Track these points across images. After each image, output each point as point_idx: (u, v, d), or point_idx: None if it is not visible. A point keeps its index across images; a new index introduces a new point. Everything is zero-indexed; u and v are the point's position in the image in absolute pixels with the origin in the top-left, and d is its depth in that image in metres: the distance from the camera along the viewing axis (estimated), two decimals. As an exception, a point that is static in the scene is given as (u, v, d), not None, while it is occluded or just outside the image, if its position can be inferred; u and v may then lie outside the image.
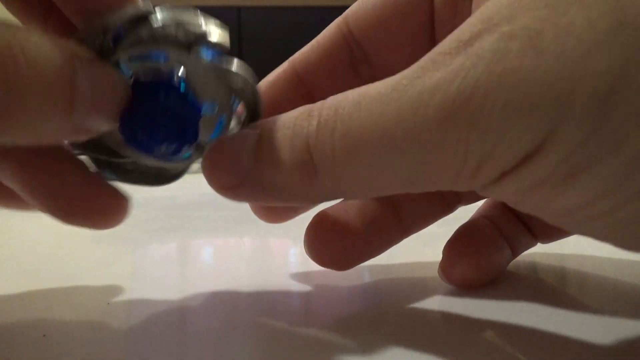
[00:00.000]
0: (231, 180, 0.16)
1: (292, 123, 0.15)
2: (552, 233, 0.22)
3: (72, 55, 0.14)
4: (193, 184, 0.21)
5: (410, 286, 0.21)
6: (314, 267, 0.20)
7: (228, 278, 0.22)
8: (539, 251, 0.25)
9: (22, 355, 0.15)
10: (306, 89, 0.20)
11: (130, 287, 0.21)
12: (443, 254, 0.21)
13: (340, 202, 0.20)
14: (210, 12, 0.17)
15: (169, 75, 0.16)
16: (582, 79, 0.12)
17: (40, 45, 0.13)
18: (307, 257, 0.20)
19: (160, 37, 0.16)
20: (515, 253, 0.22)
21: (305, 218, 0.20)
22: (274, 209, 0.21)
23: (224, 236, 0.29)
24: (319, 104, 0.15)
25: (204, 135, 0.17)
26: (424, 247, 0.22)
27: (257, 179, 0.16)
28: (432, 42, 0.19)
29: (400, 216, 0.20)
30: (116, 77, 0.16)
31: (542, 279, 0.22)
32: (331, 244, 0.20)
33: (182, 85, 0.16)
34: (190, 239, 0.29)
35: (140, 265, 0.18)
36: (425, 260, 0.21)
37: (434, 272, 0.21)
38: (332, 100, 0.15)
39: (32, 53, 0.13)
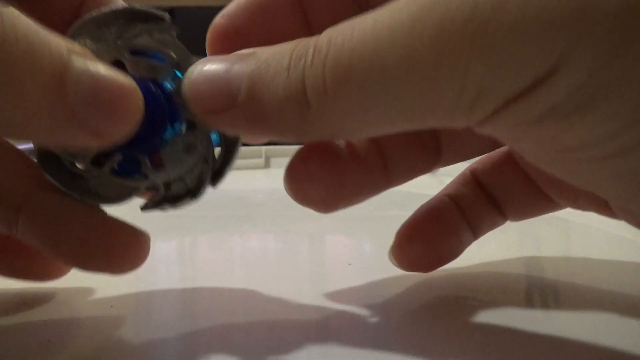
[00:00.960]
0: (217, 104, 0.15)
1: (290, 52, 0.14)
2: (525, 211, 0.21)
3: (66, 44, 0.13)
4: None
5: (407, 286, 0.21)
6: (316, 265, 0.20)
7: (230, 278, 0.22)
8: (544, 254, 0.25)
9: (27, 360, 0.15)
10: (307, 23, 0.18)
11: (133, 288, 0.20)
12: (395, 237, 0.20)
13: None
14: (210, 12, 0.17)
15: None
16: None
17: (34, 26, 0.13)
18: (308, 256, 0.20)
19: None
20: (478, 234, 0.21)
21: (307, 217, 0.20)
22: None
23: (225, 236, 0.29)
24: (316, 36, 0.14)
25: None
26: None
27: (248, 106, 0.14)
28: None
29: (386, 164, 0.19)
30: (120, 74, 0.14)
31: (547, 279, 0.22)
32: (318, 178, 0.18)
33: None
34: (191, 239, 0.28)
35: (142, 267, 0.18)
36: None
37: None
38: (327, 31, 0.14)
39: (23, 28, 0.12)
